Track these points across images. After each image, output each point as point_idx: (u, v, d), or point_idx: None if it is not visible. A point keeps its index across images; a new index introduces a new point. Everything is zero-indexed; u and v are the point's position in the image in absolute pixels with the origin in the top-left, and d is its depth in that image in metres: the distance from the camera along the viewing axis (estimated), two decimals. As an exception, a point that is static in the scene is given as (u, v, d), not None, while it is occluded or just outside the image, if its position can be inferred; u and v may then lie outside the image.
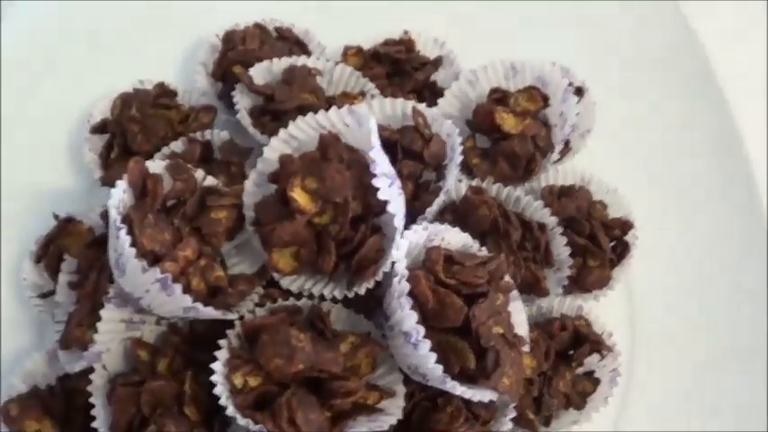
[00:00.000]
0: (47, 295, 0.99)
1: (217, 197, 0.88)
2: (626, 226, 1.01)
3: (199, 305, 0.80)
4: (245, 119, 1.00)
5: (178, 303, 0.80)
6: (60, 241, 0.97)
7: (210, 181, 0.90)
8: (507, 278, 0.86)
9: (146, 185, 0.84)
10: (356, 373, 0.82)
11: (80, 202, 1.03)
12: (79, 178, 1.08)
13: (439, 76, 1.10)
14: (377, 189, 0.81)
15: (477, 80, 1.04)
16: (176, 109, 1.06)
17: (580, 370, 0.97)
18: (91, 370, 0.89)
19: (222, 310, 0.83)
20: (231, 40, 1.09)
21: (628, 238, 1.01)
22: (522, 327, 0.89)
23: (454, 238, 0.87)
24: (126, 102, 1.06)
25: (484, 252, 0.89)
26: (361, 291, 0.84)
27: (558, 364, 0.95)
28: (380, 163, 0.81)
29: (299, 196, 0.82)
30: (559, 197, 1.01)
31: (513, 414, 0.87)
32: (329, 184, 0.82)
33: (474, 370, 0.82)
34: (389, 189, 0.82)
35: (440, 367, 0.79)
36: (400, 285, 0.79)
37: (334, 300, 0.87)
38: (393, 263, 0.81)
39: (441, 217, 0.93)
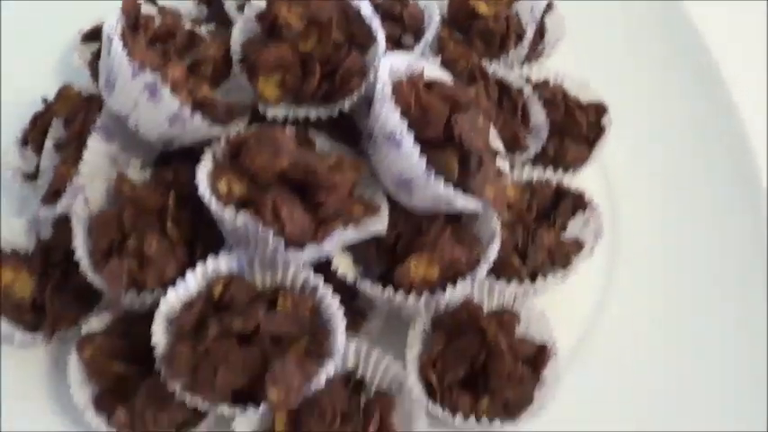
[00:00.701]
0: (32, 177, 0.99)
1: (205, 39, 0.91)
2: (600, 109, 1.05)
3: (186, 111, 0.81)
4: (233, 12, 1.04)
5: (165, 112, 0.82)
6: (48, 115, 0.98)
7: (200, 31, 0.93)
8: (488, 103, 0.88)
9: (138, 19, 0.87)
10: (341, 176, 0.82)
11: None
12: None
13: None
14: (360, 21, 0.85)
15: (451, -18, 1.11)
16: (164, 18, 1.10)
17: (564, 236, 0.97)
18: (69, 225, 0.89)
19: (208, 122, 0.84)
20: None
21: (603, 121, 1.05)
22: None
23: (434, 73, 0.90)
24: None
25: (463, 88, 0.91)
26: (345, 107, 0.86)
27: (542, 222, 0.95)
28: None
29: (286, 15, 0.86)
30: (534, 87, 1.05)
31: (497, 244, 0.87)
32: (314, 6, 0.86)
33: (458, 180, 0.83)
34: (371, 18, 0.86)
35: (423, 163, 0.80)
36: (383, 91, 0.81)
37: (318, 127, 0.88)
38: (375, 73, 0.83)
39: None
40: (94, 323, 0.88)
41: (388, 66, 0.85)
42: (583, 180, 1.02)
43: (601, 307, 0.97)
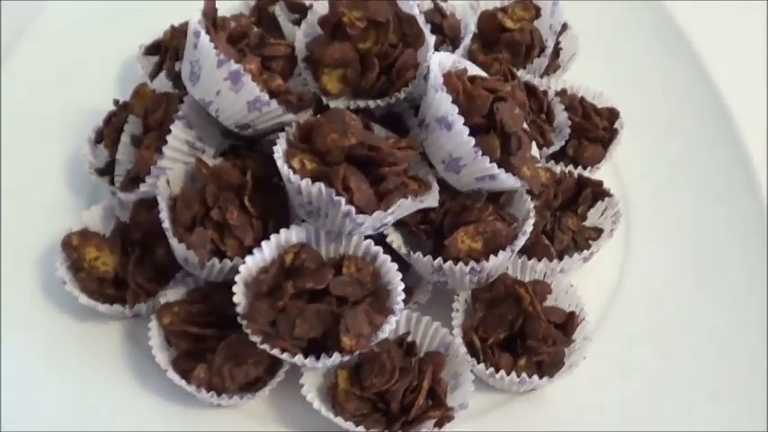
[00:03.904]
0: (104, 171, 1.09)
1: (272, 41, 1.03)
2: (613, 114, 1.18)
3: (264, 96, 0.92)
4: (286, 26, 1.16)
5: (245, 97, 0.93)
6: (123, 114, 1.09)
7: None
8: (523, 96, 1.00)
9: (216, 20, 0.99)
10: (401, 152, 0.93)
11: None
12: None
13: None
14: (411, 23, 0.98)
15: (478, 4, 1.24)
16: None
17: (585, 224, 1.09)
18: (148, 207, 0.99)
19: (283, 108, 0.95)
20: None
21: (616, 125, 1.18)
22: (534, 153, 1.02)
23: (475, 71, 1.02)
24: (176, 28, 1.22)
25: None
26: (401, 95, 0.98)
27: (566, 210, 1.07)
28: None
29: (348, 16, 0.98)
30: (555, 95, 1.18)
31: (533, 219, 0.98)
32: (372, 9, 0.98)
33: (500, 159, 0.94)
34: (420, 17, 0.98)
35: (471, 141, 0.91)
36: (435, 79, 0.93)
37: (375, 120, 0.99)
38: (428, 65, 0.96)
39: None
40: (171, 295, 0.98)
41: (438, 60, 0.97)
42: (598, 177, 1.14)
43: (619, 284, 1.09)
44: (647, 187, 1.18)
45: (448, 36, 1.10)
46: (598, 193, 1.08)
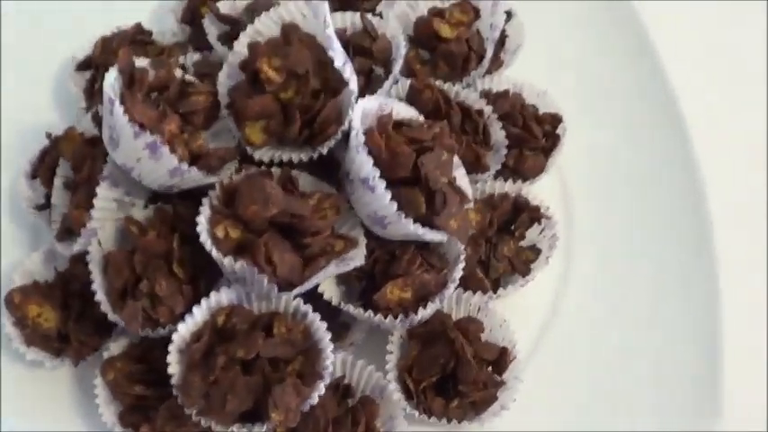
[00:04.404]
0: (42, 207, 1.09)
1: (195, 86, 1.00)
2: (555, 119, 1.15)
3: (184, 165, 0.92)
4: (215, 42, 1.13)
5: (166, 166, 0.92)
6: (54, 152, 1.08)
7: (189, 78, 1.02)
8: (451, 140, 0.99)
9: (133, 74, 0.96)
10: (324, 219, 0.94)
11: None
12: (65, 114, 1.21)
13: (385, 11, 1.23)
14: (334, 67, 0.94)
15: (416, 3, 1.19)
16: (152, 45, 1.19)
17: (523, 243, 1.09)
18: (85, 256, 1.00)
19: (204, 172, 0.94)
20: (197, -15, 1.23)
21: (558, 130, 1.16)
22: (466, 189, 1.01)
23: (403, 110, 1.00)
24: (107, 41, 1.19)
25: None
26: (324, 150, 0.97)
27: (502, 234, 1.07)
28: (335, 41, 0.95)
29: (267, 70, 0.95)
30: (495, 100, 1.15)
31: (463, 264, 0.99)
32: (292, 59, 0.95)
33: (425, 215, 0.94)
34: (344, 66, 0.95)
35: (394, 204, 0.91)
36: (357, 138, 0.92)
37: (300, 168, 0.99)
38: (350, 121, 0.94)
39: (390, 108, 1.07)
40: (114, 348, 1.00)
41: (360, 111, 0.95)
42: (540, 186, 1.14)
43: (555, 309, 1.10)
44: (593, 196, 1.17)
45: (378, 60, 1.06)
46: (535, 217, 1.08)
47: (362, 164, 0.91)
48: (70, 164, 1.04)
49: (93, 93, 1.16)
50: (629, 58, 1.26)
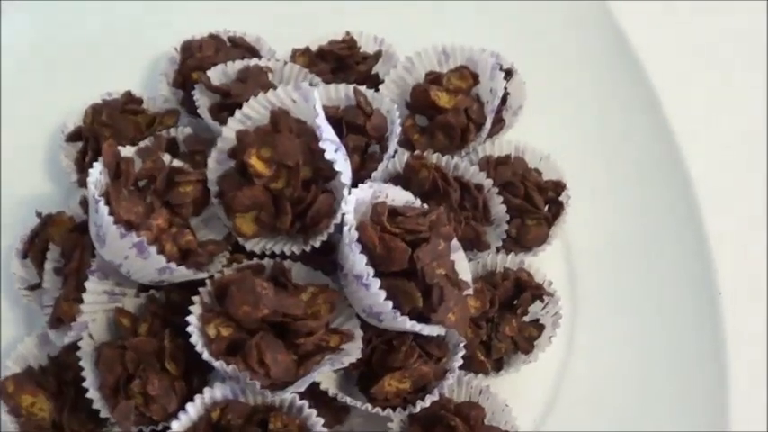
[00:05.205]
0: (34, 287, 1.07)
1: (183, 174, 0.98)
2: (559, 187, 1.12)
3: (172, 265, 0.90)
4: (205, 114, 1.10)
5: (154, 265, 0.90)
6: (44, 234, 1.06)
7: (177, 163, 1.00)
8: (447, 227, 0.96)
9: (119, 166, 0.94)
10: (317, 317, 0.92)
11: (59, 206, 1.12)
12: (57, 184, 1.18)
13: (381, 69, 1.20)
14: (324, 158, 0.92)
15: (413, 66, 1.15)
16: (143, 114, 1.16)
17: (525, 318, 1.07)
18: (77, 345, 0.98)
19: (193, 270, 0.92)
20: (189, 49, 1.20)
21: (561, 197, 1.12)
22: (465, 274, 0.98)
23: (398, 196, 0.98)
24: (97, 110, 1.16)
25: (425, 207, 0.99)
26: (317, 244, 0.94)
27: (504, 312, 1.04)
28: (326, 130, 0.92)
29: (255, 163, 0.92)
30: (496, 166, 1.12)
31: (462, 352, 0.96)
32: (281, 150, 0.93)
33: (422, 308, 0.91)
34: (335, 153, 0.92)
35: (389, 303, 0.88)
36: (350, 233, 0.89)
37: (293, 258, 0.96)
38: (343, 215, 0.91)
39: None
40: (109, 439, 0.99)
41: (354, 202, 0.92)
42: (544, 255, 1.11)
43: (557, 390, 1.07)
44: (600, 268, 1.14)
45: (373, 137, 1.03)
46: (537, 295, 1.05)
47: (356, 261, 0.89)
48: (60, 250, 1.02)
49: (83, 166, 1.14)
50: (636, 116, 1.22)
